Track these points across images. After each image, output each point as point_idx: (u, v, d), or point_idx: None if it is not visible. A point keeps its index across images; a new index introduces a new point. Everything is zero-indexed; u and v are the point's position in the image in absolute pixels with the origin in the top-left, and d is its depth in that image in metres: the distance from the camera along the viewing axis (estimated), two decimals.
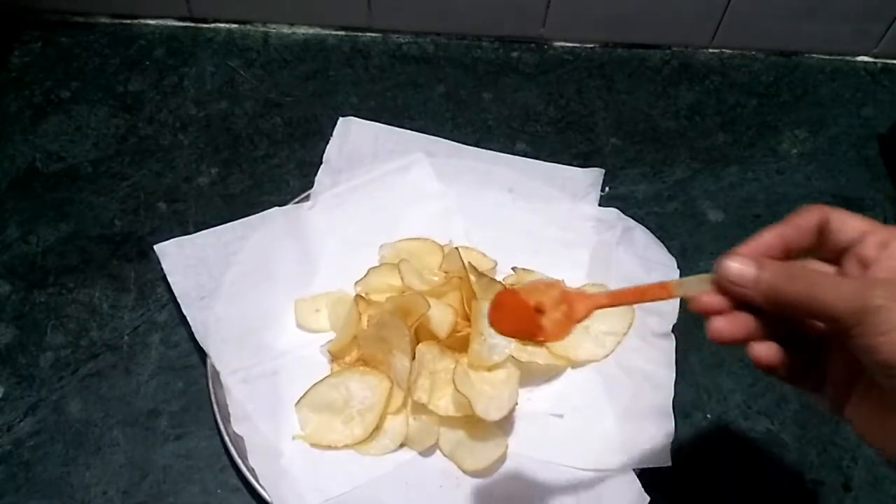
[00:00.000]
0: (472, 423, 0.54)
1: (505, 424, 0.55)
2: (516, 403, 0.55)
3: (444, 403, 0.54)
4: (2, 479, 0.52)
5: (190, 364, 0.58)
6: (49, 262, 0.62)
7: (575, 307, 0.42)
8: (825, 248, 0.40)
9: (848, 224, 0.39)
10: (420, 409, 0.54)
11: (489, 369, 0.55)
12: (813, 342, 0.39)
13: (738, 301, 0.38)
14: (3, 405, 0.55)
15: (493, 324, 0.43)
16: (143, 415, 0.55)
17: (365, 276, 0.60)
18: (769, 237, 0.40)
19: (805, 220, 0.39)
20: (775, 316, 0.38)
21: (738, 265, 0.38)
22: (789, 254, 0.40)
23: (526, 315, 0.42)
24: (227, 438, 0.53)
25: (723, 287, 0.39)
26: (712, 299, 0.39)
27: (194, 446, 0.55)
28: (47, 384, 0.56)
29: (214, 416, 0.54)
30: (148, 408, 0.56)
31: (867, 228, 0.38)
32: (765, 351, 0.38)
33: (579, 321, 0.42)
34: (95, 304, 0.60)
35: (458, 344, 0.56)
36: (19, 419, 0.55)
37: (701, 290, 0.40)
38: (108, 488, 0.53)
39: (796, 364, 0.39)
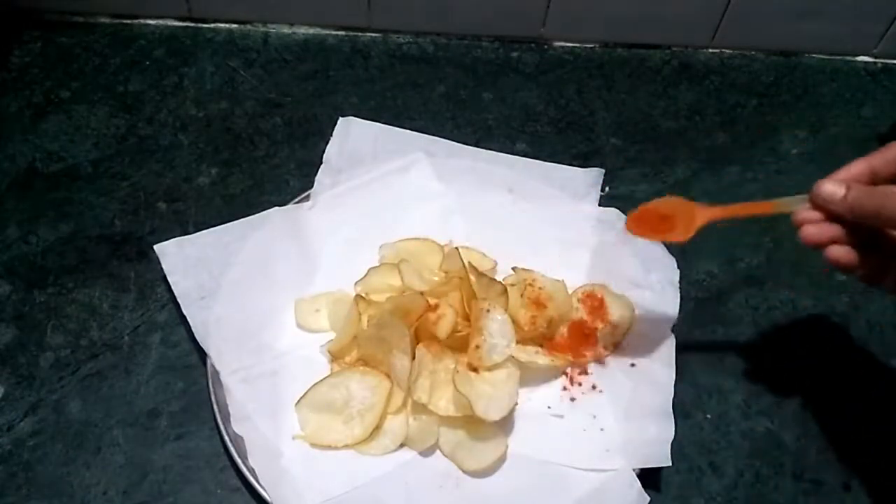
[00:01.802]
0: (472, 423, 0.54)
1: (505, 424, 0.55)
2: (516, 403, 0.55)
3: (444, 403, 0.54)
4: (2, 479, 0.52)
5: (190, 364, 0.58)
6: (49, 262, 0.62)
7: (696, 215, 0.52)
8: None
9: None
10: (420, 409, 0.54)
11: (489, 369, 0.55)
12: None
13: (829, 215, 0.47)
14: (3, 405, 0.55)
15: (632, 228, 0.54)
16: (143, 415, 0.55)
17: (365, 276, 0.60)
18: (859, 166, 0.48)
19: (892, 151, 0.47)
20: (861, 227, 0.46)
21: (830, 186, 0.47)
22: (877, 181, 0.47)
23: (658, 221, 0.53)
24: (227, 438, 0.53)
25: (816, 203, 0.47)
26: (808, 213, 0.48)
27: (194, 446, 0.55)
28: (47, 384, 0.56)
29: (214, 416, 0.54)
30: (148, 408, 0.56)
31: None
32: (841, 252, 0.47)
33: (699, 227, 0.52)
34: (95, 304, 0.60)
35: (458, 344, 0.56)
36: (19, 419, 0.55)
37: (799, 207, 0.48)
38: (108, 488, 0.53)
39: (879, 267, 0.47)
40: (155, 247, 0.59)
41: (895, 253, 0.47)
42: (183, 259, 0.59)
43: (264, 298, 0.59)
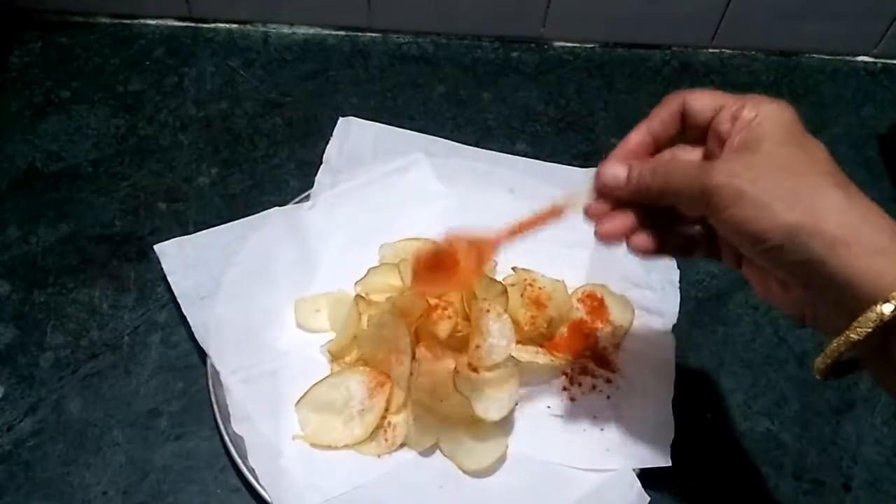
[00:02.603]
0: (472, 423, 0.54)
1: (505, 424, 0.55)
2: (516, 403, 0.55)
3: (444, 403, 0.54)
4: (2, 479, 0.52)
5: (190, 364, 0.58)
6: (49, 262, 0.62)
7: (482, 250, 0.46)
8: (691, 132, 0.41)
9: (704, 103, 0.40)
10: (420, 408, 0.54)
11: (489, 369, 0.55)
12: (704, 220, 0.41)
13: (618, 202, 0.42)
14: (3, 405, 0.55)
15: (417, 287, 0.47)
16: (143, 415, 0.55)
17: (365, 276, 0.60)
18: (637, 135, 0.43)
19: (666, 109, 0.42)
20: (655, 207, 0.41)
21: (610, 171, 0.41)
22: (660, 146, 0.42)
23: (442, 270, 0.47)
24: (227, 438, 0.53)
25: (602, 193, 0.42)
26: (597, 206, 0.43)
27: (194, 446, 0.55)
28: (47, 384, 0.56)
29: (214, 416, 0.54)
30: (148, 408, 0.56)
31: (720, 103, 0.40)
32: (640, 240, 0.42)
33: (488, 260, 0.46)
34: (95, 304, 0.60)
35: (458, 344, 0.56)
36: (19, 419, 0.55)
37: (587, 200, 0.43)
38: (108, 488, 0.53)
39: (686, 241, 0.43)
40: (155, 247, 0.59)
41: (697, 221, 0.43)
42: (183, 259, 0.59)
43: (264, 298, 0.59)
